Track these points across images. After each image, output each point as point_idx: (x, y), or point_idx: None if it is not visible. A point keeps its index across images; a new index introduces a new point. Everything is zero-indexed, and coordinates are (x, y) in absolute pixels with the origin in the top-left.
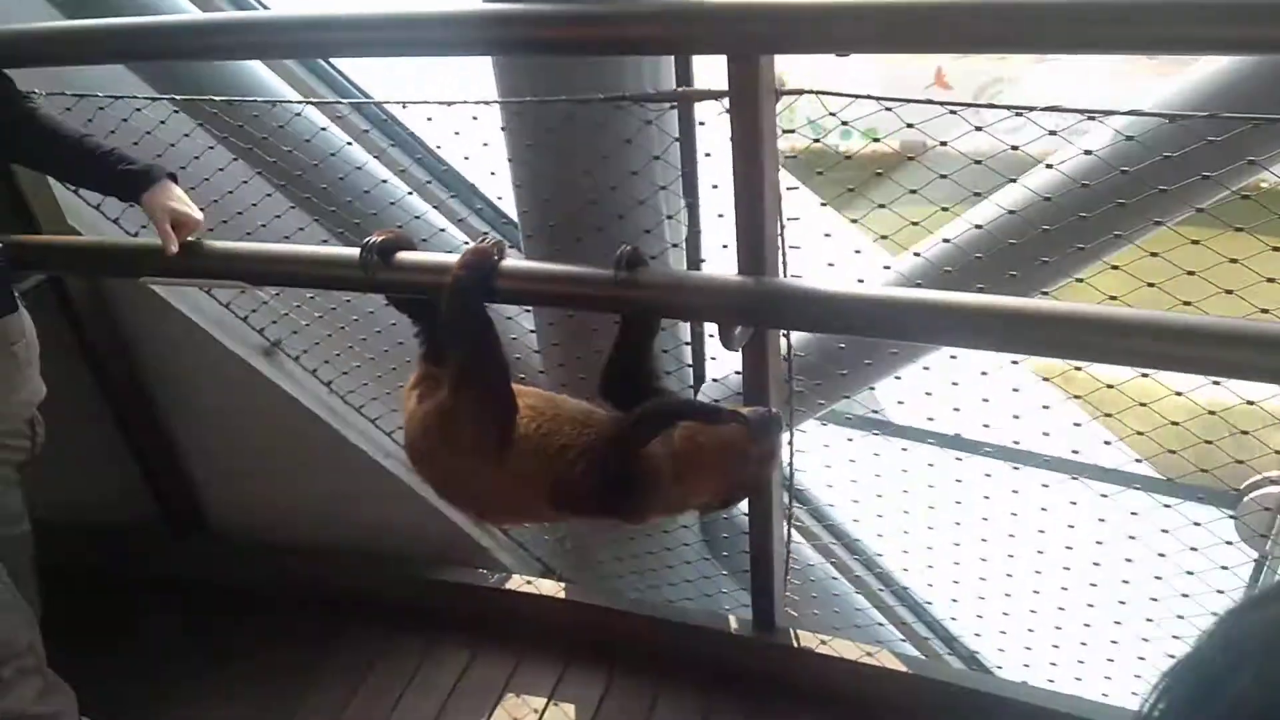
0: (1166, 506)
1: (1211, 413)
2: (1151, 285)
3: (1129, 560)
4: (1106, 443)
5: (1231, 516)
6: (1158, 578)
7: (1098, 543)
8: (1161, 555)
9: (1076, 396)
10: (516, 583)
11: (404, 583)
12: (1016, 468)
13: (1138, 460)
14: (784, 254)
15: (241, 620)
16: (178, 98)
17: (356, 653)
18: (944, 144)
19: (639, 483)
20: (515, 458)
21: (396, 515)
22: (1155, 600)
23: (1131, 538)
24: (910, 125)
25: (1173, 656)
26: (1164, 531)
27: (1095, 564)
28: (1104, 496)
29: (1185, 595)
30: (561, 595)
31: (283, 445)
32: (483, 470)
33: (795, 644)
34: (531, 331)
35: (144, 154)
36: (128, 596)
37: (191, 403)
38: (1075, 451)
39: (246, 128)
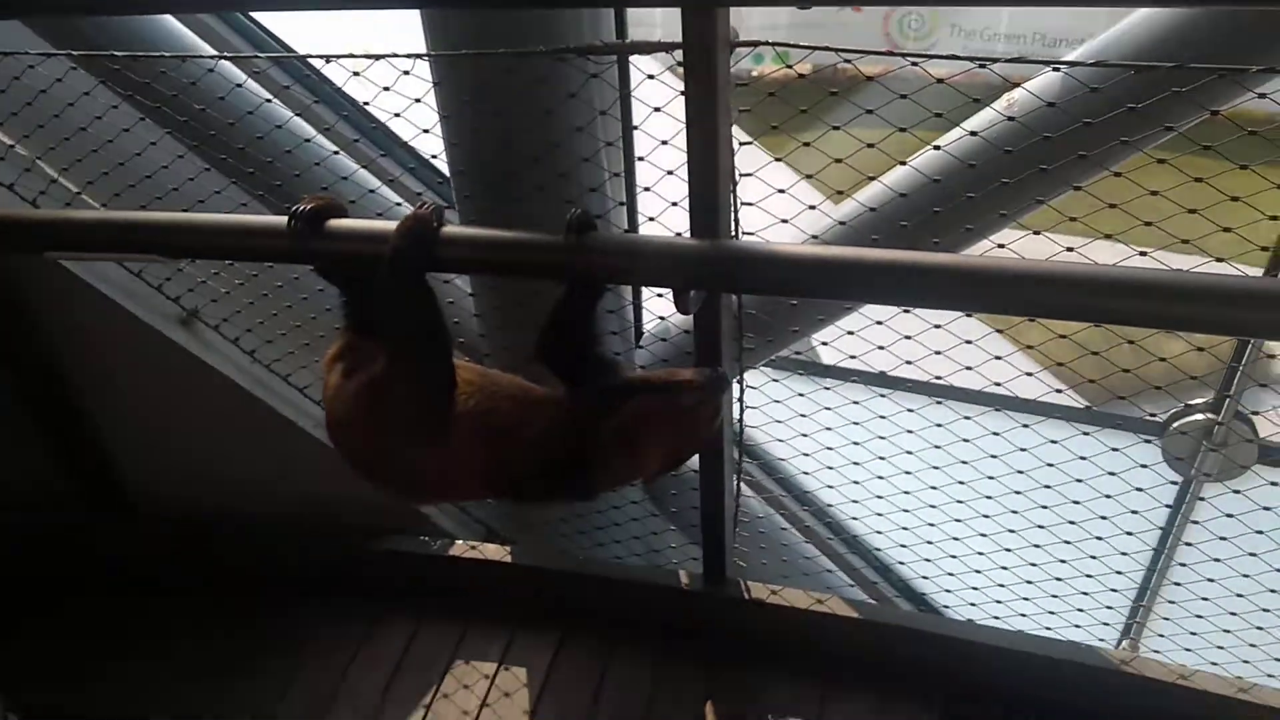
0: (1085, 434)
1: (1130, 342)
2: (1113, 206)
3: (1074, 500)
4: (1028, 374)
5: (1147, 441)
6: (1104, 517)
7: (1035, 479)
8: (1107, 496)
9: (999, 330)
10: (460, 548)
11: (343, 553)
12: (939, 402)
13: (1057, 391)
14: (736, 213)
15: (174, 599)
16: (75, 53)
17: (298, 628)
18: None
19: (595, 465)
20: (451, 436)
21: (331, 485)
22: (1097, 536)
23: (1078, 479)
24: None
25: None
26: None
27: (1035, 501)
28: (1025, 427)
29: (1104, 518)
30: (507, 559)
31: (206, 419)
32: (415, 448)
33: (746, 595)
34: (470, 295)
35: (40, 115)
36: (50, 580)
37: (105, 378)
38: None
39: (154, 85)
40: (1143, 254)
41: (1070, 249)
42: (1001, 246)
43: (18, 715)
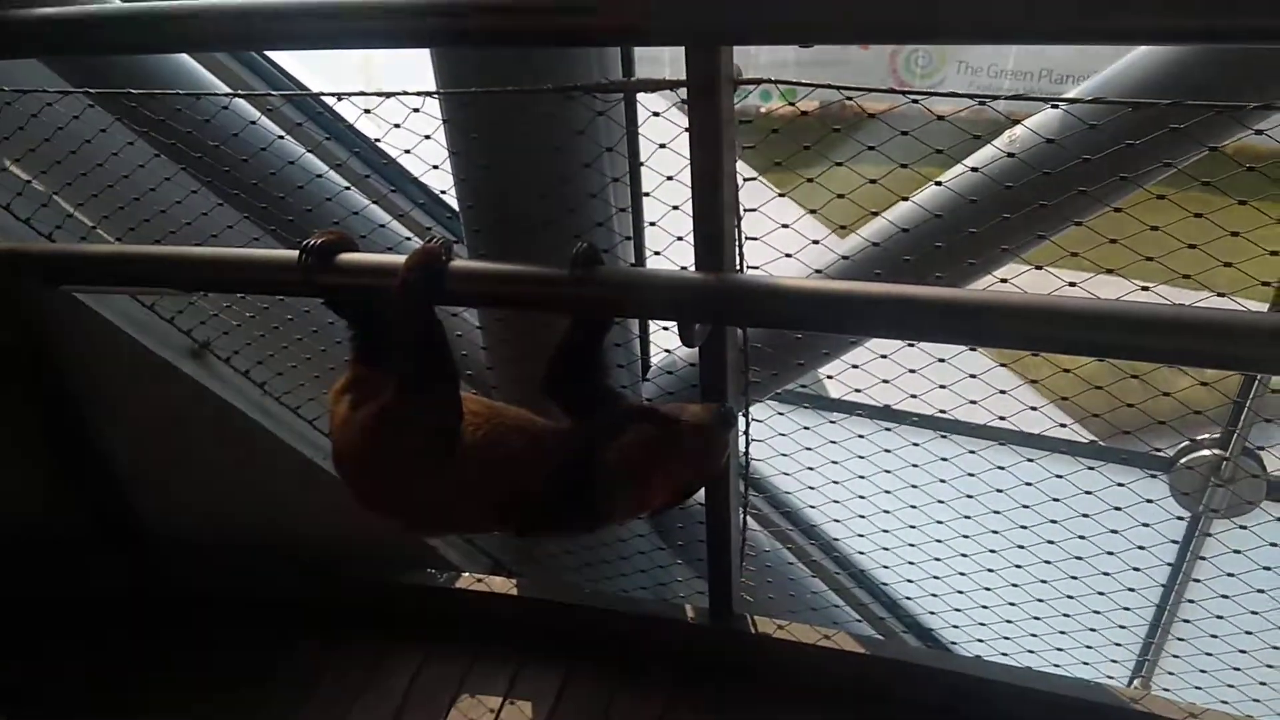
0: (1091, 469)
1: (1135, 376)
2: (1114, 241)
3: (1082, 535)
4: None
5: (1154, 477)
6: (1111, 553)
7: (1041, 514)
8: (1114, 532)
9: (1003, 365)
10: (466, 581)
11: (351, 586)
12: (945, 437)
13: (1063, 425)
14: (741, 247)
15: (185, 631)
16: (92, 91)
17: (305, 660)
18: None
19: (601, 497)
20: (458, 467)
21: (339, 518)
22: (1105, 572)
23: (1084, 514)
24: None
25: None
26: (1110, 502)
27: (1042, 536)
28: (1031, 462)
29: (1112, 554)
30: (513, 592)
31: (217, 451)
32: (422, 479)
33: (753, 630)
34: (478, 328)
35: (57, 151)
36: (63, 612)
37: (118, 410)
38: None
39: (169, 122)
40: (1145, 289)
41: (1072, 284)
42: (1003, 281)
43: None
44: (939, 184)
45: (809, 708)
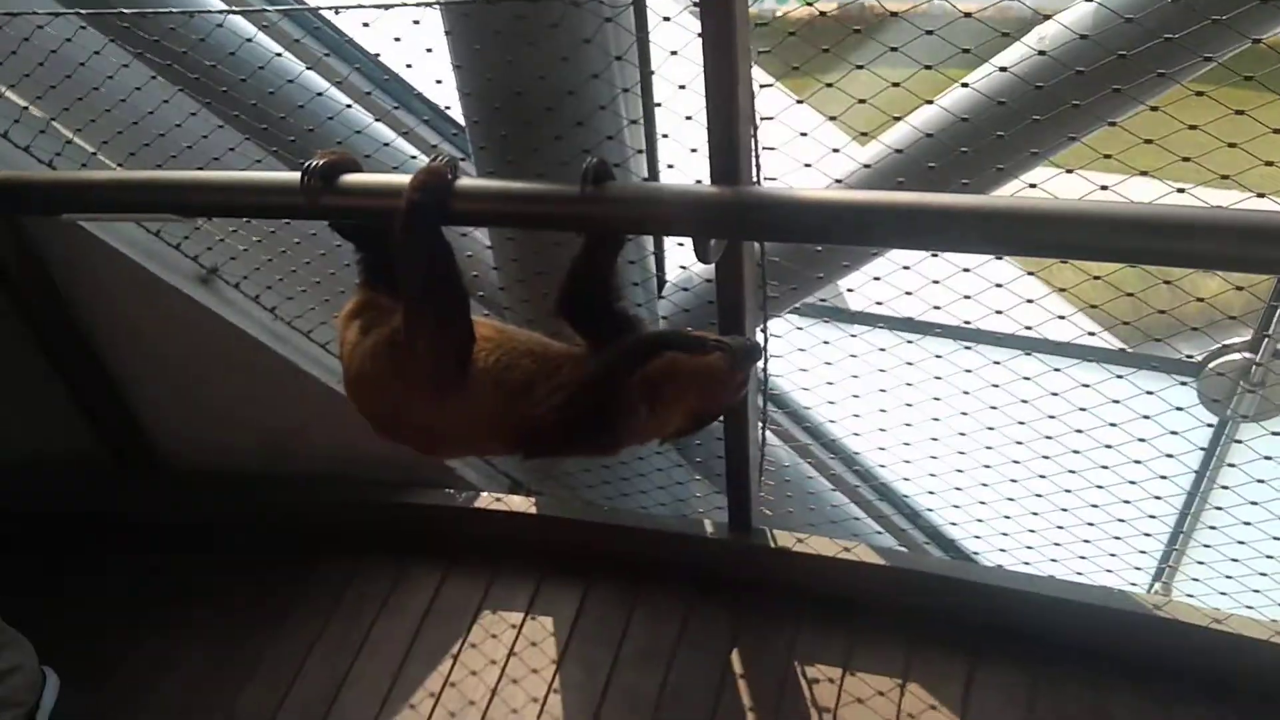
0: (1119, 378)
1: (1167, 282)
2: (1149, 141)
3: (1107, 444)
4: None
5: (1183, 384)
6: (1137, 461)
7: (1066, 424)
8: (1141, 439)
9: (1031, 273)
10: (486, 500)
11: (369, 507)
12: (969, 347)
13: (1090, 334)
14: (757, 158)
15: (204, 555)
16: (84, 11)
17: (326, 581)
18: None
19: (619, 420)
20: (471, 391)
21: (355, 440)
22: (1130, 480)
23: (1111, 424)
24: None
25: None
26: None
27: (1066, 445)
28: (1057, 370)
29: (1138, 462)
30: (533, 510)
31: (230, 376)
32: (435, 403)
33: (772, 544)
34: (488, 248)
35: (51, 76)
36: (81, 537)
37: (128, 337)
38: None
39: (164, 42)
40: (1180, 190)
41: (1105, 187)
42: (1033, 186)
43: (53, 669)
44: (965, 86)
45: (830, 620)
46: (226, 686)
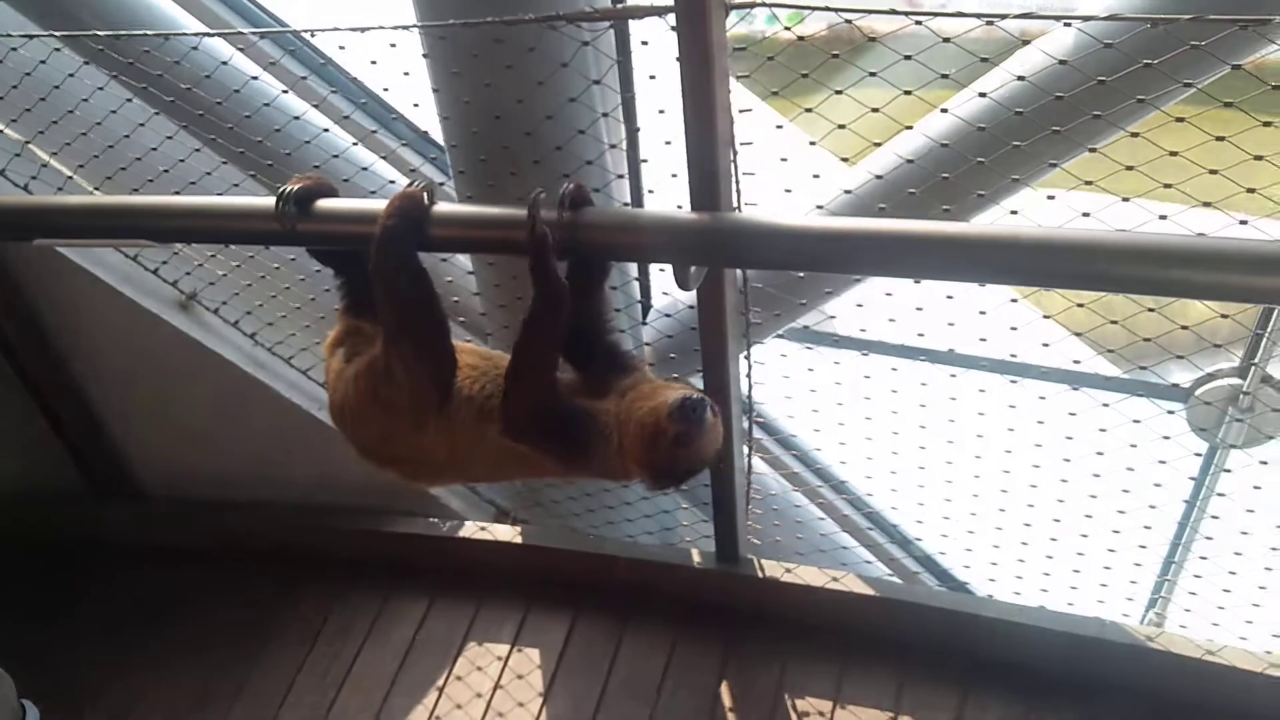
0: (1106, 406)
1: (1151, 310)
2: (1130, 167)
3: (1095, 473)
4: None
5: (1170, 412)
6: (1126, 490)
7: (1055, 452)
8: (1130, 469)
9: (1014, 300)
10: (471, 529)
11: (353, 536)
12: (955, 375)
13: (1076, 362)
14: (738, 183)
15: (186, 583)
16: (59, 34)
17: (309, 610)
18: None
19: (589, 425)
20: (456, 417)
21: (337, 467)
22: (1120, 510)
23: (1099, 452)
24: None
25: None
26: (1126, 439)
27: (1055, 473)
28: (1042, 399)
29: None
30: (518, 540)
31: (209, 403)
32: (417, 429)
33: (761, 574)
34: (469, 273)
35: (25, 99)
36: (61, 566)
37: (106, 364)
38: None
39: (138, 64)
40: (1163, 217)
41: (1086, 214)
42: (1014, 213)
43: (33, 701)
44: (945, 111)
45: (819, 650)
46: (207, 719)
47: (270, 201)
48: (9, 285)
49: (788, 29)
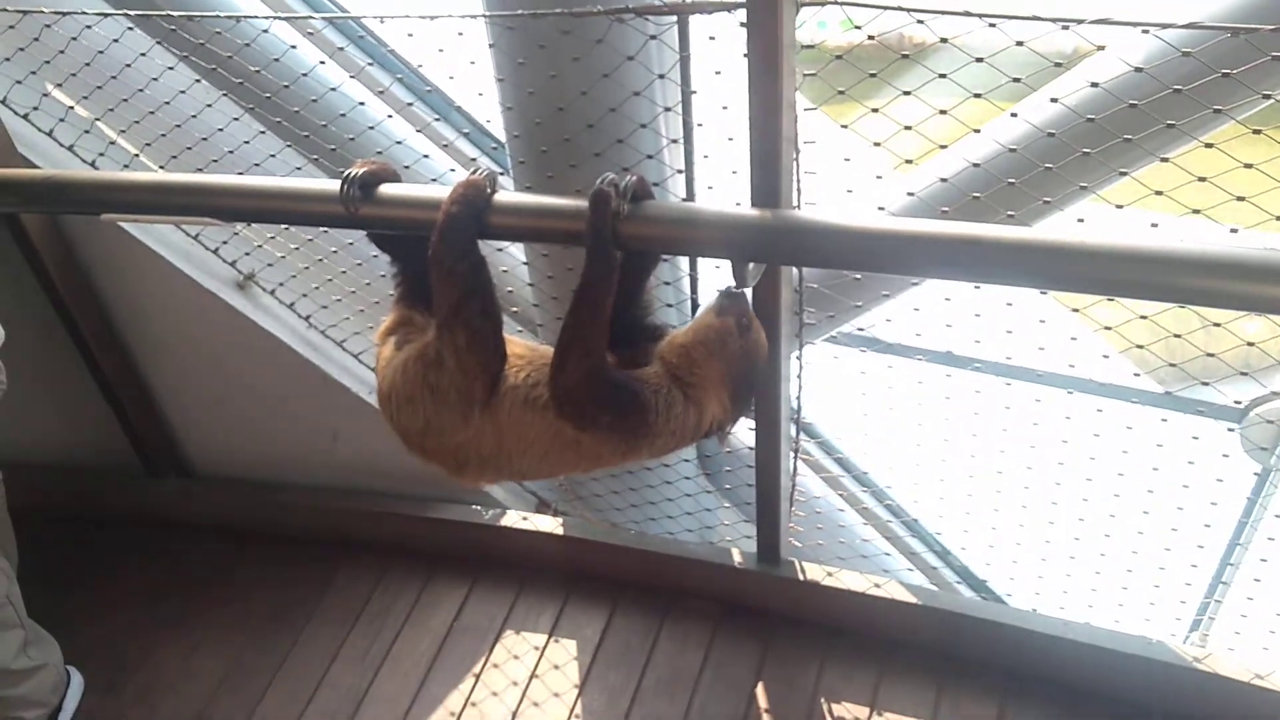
0: (1162, 421)
1: (1216, 324)
2: (1203, 179)
3: (1148, 489)
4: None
5: (1229, 430)
6: (1179, 508)
7: (1106, 467)
8: (1185, 486)
9: (1075, 310)
10: (513, 518)
11: (396, 521)
12: (1008, 384)
13: (1135, 375)
14: (799, 182)
15: (230, 562)
16: (132, 13)
17: (350, 593)
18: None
19: (643, 390)
20: (503, 409)
21: (384, 452)
22: (1172, 527)
23: (1154, 468)
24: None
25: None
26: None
27: (1106, 488)
28: (1100, 411)
29: (1180, 509)
30: (559, 531)
31: (262, 383)
32: (464, 422)
33: (801, 577)
34: (524, 264)
35: (99, 76)
36: (111, 539)
37: (162, 341)
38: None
39: (209, 45)
40: (1233, 231)
41: (1155, 225)
42: (1080, 222)
43: (79, 670)
44: (1014, 115)
45: (858, 656)
46: (247, 695)
47: (335, 184)
48: (74, 263)
49: (857, 27)
